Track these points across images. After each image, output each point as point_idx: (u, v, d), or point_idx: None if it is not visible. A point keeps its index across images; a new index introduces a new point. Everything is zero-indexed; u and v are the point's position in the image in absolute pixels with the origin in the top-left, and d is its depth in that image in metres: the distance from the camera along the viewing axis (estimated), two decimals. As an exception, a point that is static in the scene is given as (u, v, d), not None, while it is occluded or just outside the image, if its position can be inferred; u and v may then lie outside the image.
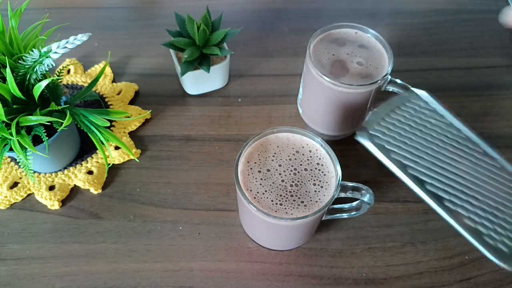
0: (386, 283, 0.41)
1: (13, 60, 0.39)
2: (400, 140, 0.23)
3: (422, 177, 0.22)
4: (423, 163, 0.23)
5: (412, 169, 0.23)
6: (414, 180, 0.22)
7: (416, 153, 0.23)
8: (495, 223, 0.22)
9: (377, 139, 0.23)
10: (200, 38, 0.50)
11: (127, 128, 0.52)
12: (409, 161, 0.23)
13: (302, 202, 0.36)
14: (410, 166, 0.23)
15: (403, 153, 0.23)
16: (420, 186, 0.22)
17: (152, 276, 0.42)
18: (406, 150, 0.23)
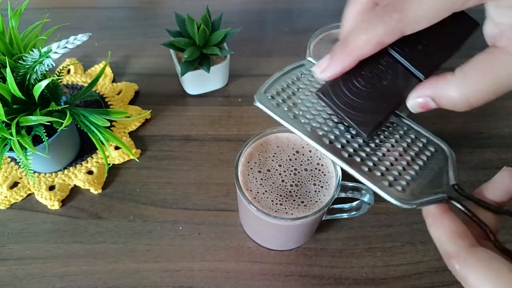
0: (386, 283, 0.41)
1: (13, 60, 0.39)
2: (297, 102, 0.26)
3: (320, 132, 0.25)
4: (319, 119, 0.25)
5: (314, 127, 0.25)
6: (314, 136, 0.24)
7: (314, 112, 0.26)
8: (391, 169, 0.24)
9: (273, 101, 0.25)
10: (200, 38, 0.50)
11: (127, 128, 0.52)
12: (311, 120, 0.25)
13: (302, 202, 0.36)
14: (311, 125, 0.25)
15: (303, 113, 0.25)
16: (318, 140, 0.24)
17: (152, 276, 0.42)
18: (305, 111, 0.25)
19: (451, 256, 0.21)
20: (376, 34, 0.21)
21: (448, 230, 0.22)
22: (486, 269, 0.19)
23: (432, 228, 0.23)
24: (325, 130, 0.25)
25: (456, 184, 0.24)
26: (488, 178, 0.52)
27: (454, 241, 0.21)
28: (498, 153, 0.50)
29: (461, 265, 0.20)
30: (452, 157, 0.26)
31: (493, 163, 0.49)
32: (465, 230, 0.22)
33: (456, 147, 0.50)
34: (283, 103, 0.25)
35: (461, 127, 0.53)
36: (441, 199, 0.23)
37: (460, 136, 0.52)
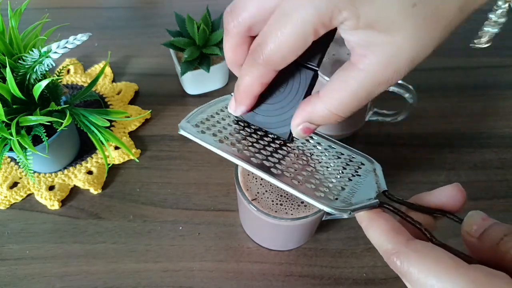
0: (386, 283, 0.41)
1: (13, 60, 0.39)
2: (222, 130, 0.27)
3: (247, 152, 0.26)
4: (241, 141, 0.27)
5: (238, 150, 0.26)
6: (238, 157, 0.25)
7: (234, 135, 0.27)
8: (322, 181, 0.25)
9: (198, 129, 0.26)
10: (200, 38, 0.50)
11: (127, 128, 0.52)
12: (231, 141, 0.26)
13: (302, 202, 0.36)
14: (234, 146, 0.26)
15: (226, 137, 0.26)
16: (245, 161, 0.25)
17: (152, 276, 0.42)
18: (231, 137, 0.27)
19: (391, 253, 0.21)
20: (255, 77, 0.23)
21: (385, 228, 0.22)
22: (427, 259, 0.20)
23: (369, 230, 0.23)
24: (252, 151, 0.26)
25: (386, 191, 0.26)
26: (488, 178, 0.52)
27: (391, 238, 0.22)
28: (498, 153, 0.50)
29: (402, 260, 0.20)
30: (378, 167, 0.28)
31: (493, 163, 0.49)
32: (401, 226, 0.22)
33: (456, 147, 0.51)
34: (208, 130, 0.26)
35: (461, 127, 0.53)
36: (374, 204, 0.24)
37: (460, 136, 0.52)
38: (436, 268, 0.19)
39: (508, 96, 0.56)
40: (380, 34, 0.19)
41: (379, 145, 0.51)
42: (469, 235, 0.22)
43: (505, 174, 0.48)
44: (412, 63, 0.20)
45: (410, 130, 0.52)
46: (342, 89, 0.21)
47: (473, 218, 0.22)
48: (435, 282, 0.19)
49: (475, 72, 0.58)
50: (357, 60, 0.20)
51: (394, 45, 0.19)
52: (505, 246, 0.20)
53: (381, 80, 0.20)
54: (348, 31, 0.20)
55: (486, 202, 0.46)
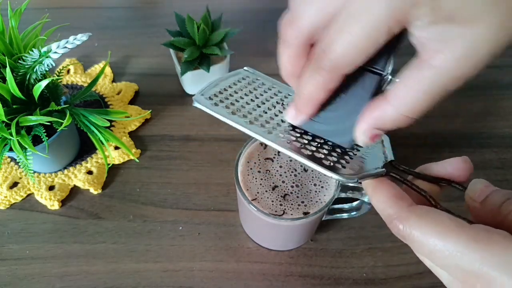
0: (386, 283, 0.41)
1: (13, 60, 0.39)
2: (235, 102, 0.27)
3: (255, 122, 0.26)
4: (254, 113, 0.27)
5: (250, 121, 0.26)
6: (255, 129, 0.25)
7: (246, 107, 0.27)
8: (330, 152, 0.25)
9: (212, 101, 0.26)
10: (200, 38, 0.50)
11: (127, 128, 0.52)
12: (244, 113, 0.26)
13: (302, 202, 0.36)
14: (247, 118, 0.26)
15: (237, 109, 0.27)
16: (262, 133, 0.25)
17: (152, 276, 0.42)
18: (243, 109, 0.27)
19: (393, 217, 0.21)
20: (320, 84, 0.22)
21: (388, 195, 0.23)
22: (428, 222, 0.20)
23: (373, 196, 0.24)
24: (264, 122, 0.26)
25: (393, 160, 0.26)
26: (488, 178, 0.52)
27: (394, 203, 0.22)
28: (498, 153, 0.50)
29: (404, 224, 0.21)
30: (386, 138, 0.28)
31: (493, 163, 0.49)
32: (404, 193, 0.23)
33: (456, 147, 0.51)
34: (221, 102, 0.26)
35: (462, 127, 0.53)
36: (381, 172, 0.25)
37: (460, 136, 0.52)
38: (437, 229, 0.20)
39: (508, 96, 0.56)
40: (459, 27, 0.17)
41: (379, 145, 0.51)
42: (472, 200, 0.23)
43: (505, 174, 0.48)
44: (493, 55, 0.18)
45: (410, 130, 0.52)
46: (414, 90, 0.19)
47: (477, 184, 0.23)
48: (437, 242, 0.19)
49: (475, 72, 0.58)
50: (430, 56, 0.18)
51: (475, 37, 0.17)
52: (506, 209, 0.21)
53: (458, 76, 0.19)
54: (421, 27, 0.18)
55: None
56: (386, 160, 0.26)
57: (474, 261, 0.18)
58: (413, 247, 0.21)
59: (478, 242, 0.19)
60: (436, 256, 0.20)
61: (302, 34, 0.21)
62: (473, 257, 0.18)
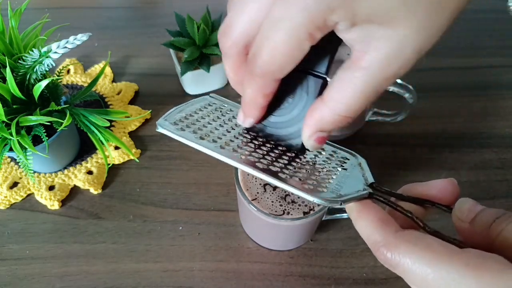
0: (386, 283, 0.41)
1: (13, 60, 0.39)
2: (202, 127, 0.26)
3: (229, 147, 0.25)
4: (223, 137, 0.26)
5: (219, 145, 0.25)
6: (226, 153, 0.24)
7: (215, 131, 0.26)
8: (309, 175, 0.25)
9: (177, 126, 0.26)
10: (200, 38, 0.50)
11: (127, 128, 0.52)
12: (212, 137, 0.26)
13: (302, 202, 0.36)
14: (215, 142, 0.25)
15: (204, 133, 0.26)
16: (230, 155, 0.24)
17: (152, 276, 0.42)
18: (212, 134, 0.26)
19: (380, 245, 0.21)
20: (256, 89, 0.22)
21: (374, 219, 0.22)
22: (418, 248, 0.19)
23: (357, 221, 0.23)
24: (236, 146, 0.25)
25: (374, 183, 0.25)
26: (488, 178, 0.52)
27: (380, 229, 0.21)
28: (498, 153, 0.50)
29: (392, 251, 0.20)
30: (363, 161, 0.28)
31: (493, 163, 0.49)
32: (390, 218, 0.22)
33: (456, 147, 0.51)
34: (187, 127, 0.25)
35: (461, 127, 0.53)
36: (364, 194, 0.24)
37: (460, 136, 0.52)
38: (429, 256, 0.19)
39: (508, 96, 0.56)
40: (381, 28, 0.18)
41: (379, 145, 0.51)
42: (460, 220, 0.22)
43: (505, 174, 0.48)
44: (419, 54, 0.19)
45: (410, 130, 0.52)
46: (347, 91, 0.20)
47: (464, 204, 0.22)
48: (430, 271, 0.19)
49: (475, 72, 0.58)
50: (358, 57, 0.19)
51: (397, 38, 0.18)
52: (496, 229, 0.20)
53: (387, 75, 0.19)
54: (344, 30, 0.19)
55: (486, 202, 0.46)
56: (366, 182, 0.25)
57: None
58: (403, 276, 0.20)
59: (472, 269, 0.18)
60: (429, 284, 0.19)
61: (237, 44, 0.21)
62: (468, 285, 0.18)
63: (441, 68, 0.59)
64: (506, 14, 0.65)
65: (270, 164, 0.24)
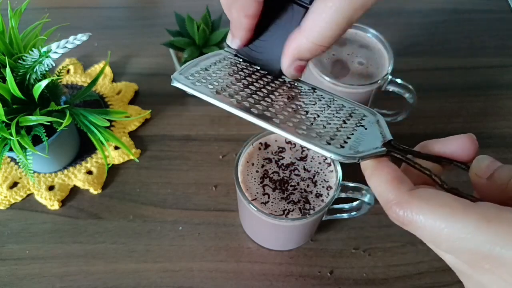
0: (386, 283, 0.41)
1: (13, 60, 0.39)
2: (217, 80, 0.26)
3: (246, 103, 0.24)
4: (242, 92, 0.25)
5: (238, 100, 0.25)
6: (242, 109, 0.24)
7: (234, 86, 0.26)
8: (326, 130, 0.24)
9: (192, 80, 0.25)
10: (200, 38, 0.50)
11: (126, 128, 0.52)
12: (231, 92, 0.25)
13: (302, 202, 0.36)
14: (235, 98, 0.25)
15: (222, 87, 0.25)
16: (247, 111, 0.24)
17: (152, 276, 0.42)
18: (227, 87, 0.25)
19: (392, 203, 0.21)
20: (239, 9, 0.24)
21: (388, 177, 0.22)
22: (432, 205, 0.19)
23: (371, 179, 0.23)
24: (252, 102, 0.24)
25: (392, 140, 0.25)
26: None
27: (394, 187, 0.21)
28: (498, 153, 0.50)
29: (405, 209, 0.20)
30: (381, 118, 0.27)
31: (493, 163, 0.49)
32: (404, 176, 0.22)
33: (456, 147, 0.51)
34: (203, 81, 0.25)
35: (461, 127, 0.53)
36: (382, 151, 0.23)
37: (460, 136, 0.52)
38: (443, 211, 0.19)
39: (508, 96, 0.56)
40: None
41: (379, 145, 0.51)
42: (478, 176, 0.22)
43: (505, 174, 0.48)
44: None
45: (410, 130, 0.52)
46: (321, 20, 0.22)
47: (483, 160, 0.22)
48: (444, 225, 0.19)
49: (475, 72, 0.58)
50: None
51: None
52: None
53: (357, 5, 0.21)
54: None
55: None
56: (384, 139, 0.25)
57: (485, 242, 0.18)
58: (416, 233, 0.20)
59: (488, 222, 0.18)
60: (443, 240, 0.19)
61: None
62: (483, 238, 0.18)
63: (441, 68, 0.59)
64: (506, 14, 0.65)
65: (286, 119, 0.24)
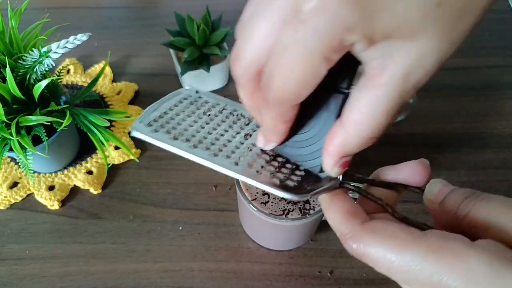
0: (386, 283, 0.41)
1: (13, 60, 0.39)
2: (176, 125, 0.26)
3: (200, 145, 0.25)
4: (197, 134, 0.26)
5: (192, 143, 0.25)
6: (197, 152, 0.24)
7: (189, 128, 0.26)
8: (280, 167, 0.24)
9: (151, 128, 0.25)
10: (200, 38, 0.50)
11: (127, 128, 0.52)
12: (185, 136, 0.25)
13: (302, 202, 0.36)
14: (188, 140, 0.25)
15: (179, 133, 0.25)
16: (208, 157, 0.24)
17: (152, 276, 0.42)
18: (186, 131, 0.25)
19: (347, 237, 0.21)
20: (274, 117, 0.22)
21: (341, 211, 0.22)
22: (381, 238, 0.20)
23: (327, 213, 0.23)
24: (209, 144, 0.25)
25: (347, 169, 0.24)
26: (488, 178, 0.52)
27: (347, 221, 0.21)
28: (498, 153, 0.50)
29: (358, 243, 0.20)
30: None
31: (493, 163, 0.49)
32: (358, 208, 0.22)
33: (456, 147, 0.51)
34: (162, 128, 0.25)
35: (462, 127, 0.53)
36: (334, 185, 0.24)
37: (460, 136, 0.52)
38: (392, 244, 0.19)
39: (508, 96, 0.56)
40: (400, 41, 0.17)
41: (379, 145, 0.51)
42: (431, 202, 0.22)
43: (505, 174, 0.48)
44: (439, 63, 0.18)
45: (410, 130, 0.52)
46: (369, 111, 0.19)
47: (435, 185, 0.22)
48: (394, 258, 0.19)
49: (475, 72, 0.58)
50: (377, 74, 0.18)
51: (418, 49, 0.17)
52: (464, 210, 0.20)
53: (409, 87, 0.18)
54: (362, 50, 0.17)
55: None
56: None
57: (433, 273, 0.18)
58: (372, 265, 0.20)
59: (434, 252, 0.18)
60: (395, 271, 0.19)
61: (248, 71, 0.20)
62: (431, 269, 0.18)
63: (441, 68, 0.58)
64: (506, 14, 0.65)
65: (241, 160, 0.24)
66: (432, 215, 0.23)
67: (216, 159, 0.24)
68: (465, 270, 0.17)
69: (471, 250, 0.18)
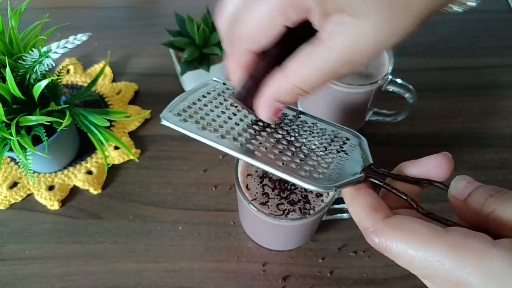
0: (386, 283, 0.41)
1: (13, 60, 0.39)
2: (204, 116, 0.27)
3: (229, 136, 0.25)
4: (227, 126, 0.26)
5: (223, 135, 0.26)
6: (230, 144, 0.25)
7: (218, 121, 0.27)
8: (305, 159, 0.25)
9: (180, 117, 0.26)
10: (200, 38, 0.50)
11: (126, 128, 0.52)
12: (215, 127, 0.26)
13: (302, 203, 0.36)
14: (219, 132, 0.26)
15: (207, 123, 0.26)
16: (234, 147, 0.25)
17: (152, 276, 0.42)
18: (214, 122, 0.26)
19: (369, 231, 0.22)
20: (233, 60, 0.24)
21: (365, 206, 0.22)
22: (403, 233, 0.20)
23: (350, 207, 0.23)
24: (237, 135, 0.25)
25: (372, 164, 0.25)
26: (488, 178, 0.52)
27: (370, 215, 0.22)
28: (498, 153, 0.50)
29: (380, 237, 0.21)
30: (363, 141, 0.28)
31: (493, 163, 0.49)
32: (381, 203, 0.23)
33: (457, 147, 0.51)
34: (190, 118, 0.26)
35: (462, 127, 0.53)
36: (359, 178, 0.24)
37: (460, 136, 0.52)
38: (413, 240, 0.20)
39: (508, 96, 0.56)
40: (349, 17, 0.19)
41: (379, 145, 0.51)
42: (455, 198, 0.22)
43: (505, 174, 0.48)
44: (375, 49, 0.20)
45: (410, 130, 0.52)
46: (307, 64, 0.21)
47: (459, 181, 0.23)
48: (414, 254, 0.19)
49: (475, 72, 0.58)
50: (326, 37, 0.20)
51: (360, 28, 0.19)
52: (488, 207, 0.20)
53: (345, 61, 0.20)
54: (317, 19, 0.20)
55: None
56: (364, 164, 0.26)
57: (453, 270, 0.18)
58: (394, 259, 0.21)
59: (455, 250, 0.18)
60: (415, 266, 0.20)
61: (226, 22, 0.23)
62: (451, 266, 0.18)
63: (441, 68, 0.59)
64: (506, 14, 0.65)
65: (268, 151, 0.24)
66: (457, 212, 0.23)
67: (242, 149, 0.24)
68: (486, 269, 0.18)
69: (494, 249, 0.18)
